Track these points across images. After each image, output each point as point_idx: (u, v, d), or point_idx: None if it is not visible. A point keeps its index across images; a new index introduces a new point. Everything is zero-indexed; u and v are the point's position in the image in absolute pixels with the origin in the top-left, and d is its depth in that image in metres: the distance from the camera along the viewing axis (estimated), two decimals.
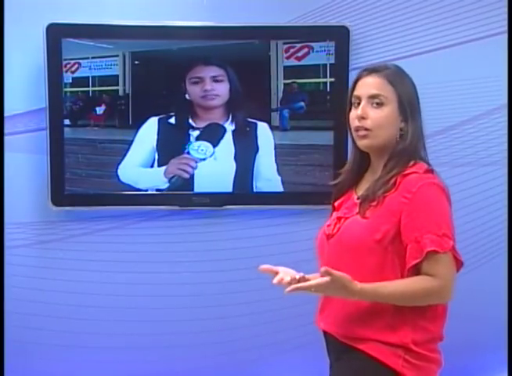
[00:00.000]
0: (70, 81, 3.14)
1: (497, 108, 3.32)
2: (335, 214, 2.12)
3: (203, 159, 3.20)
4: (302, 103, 3.23)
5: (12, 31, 3.09)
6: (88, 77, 3.16)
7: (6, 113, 3.13)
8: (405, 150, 2.00)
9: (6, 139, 3.14)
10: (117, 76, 3.17)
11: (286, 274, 1.94)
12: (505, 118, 3.30)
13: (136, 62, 3.18)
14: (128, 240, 3.27)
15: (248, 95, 3.19)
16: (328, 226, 2.10)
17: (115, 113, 3.20)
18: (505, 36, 3.25)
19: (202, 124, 3.21)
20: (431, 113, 3.17)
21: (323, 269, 1.86)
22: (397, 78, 2.03)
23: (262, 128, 3.22)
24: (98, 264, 3.26)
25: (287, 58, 3.19)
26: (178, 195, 3.22)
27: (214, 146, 3.20)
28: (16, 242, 3.23)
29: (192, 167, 3.20)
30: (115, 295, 3.29)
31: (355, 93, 2.05)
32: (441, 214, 1.93)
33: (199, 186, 3.22)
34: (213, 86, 3.16)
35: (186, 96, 3.18)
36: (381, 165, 2.04)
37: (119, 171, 3.20)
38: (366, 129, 2.01)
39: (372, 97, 2.01)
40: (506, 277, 3.24)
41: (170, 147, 3.22)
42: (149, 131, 3.19)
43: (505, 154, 3.31)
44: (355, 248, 1.99)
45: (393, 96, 2.01)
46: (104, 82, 3.17)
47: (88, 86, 3.16)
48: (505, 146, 3.31)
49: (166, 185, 3.21)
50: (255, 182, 3.24)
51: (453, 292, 1.94)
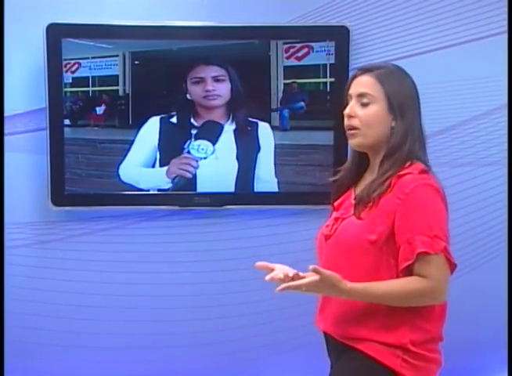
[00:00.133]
0: (70, 81, 3.14)
1: (497, 108, 3.31)
2: (334, 214, 2.12)
3: (204, 158, 3.20)
4: (302, 103, 3.23)
5: (12, 31, 3.09)
6: (88, 77, 3.15)
7: (6, 113, 3.13)
8: (394, 149, 1.99)
9: (6, 139, 3.14)
10: (117, 76, 3.16)
11: (281, 271, 1.93)
12: (505, 118, 3.30)
13: (136, 62, 3.18)
14: (128, 240, 3.27)
15: (248, 95, 3.19)
16: (326, 227, 2.10)
17: (115, 113, 3.20)
18: (505, 36, 3.25)
19: None
20: (431, 113, 3.17)
21: (312, 268, 1.86)
22: (388, 77, 2.02)
23: (263, 128, 3.22)
24: (98, 264, 3.26)
25: (287, 58, 3.19)
26: (179, 195, 3.22)
27: (213, 144, 3.20)
28: (16, 242, 3.23)
29: (193, 166, 3.20)
30: (115, 295, 3.29)
31: (349, 92, 2.06)
32: (433, 215, 1.92)
33: (201, 186, 3.22)
34: (214, 86, 3.16)
35: (187, 96, 3.17)
36: (378, 165, 2.04)
37: (120, 171, 3.20)
38: (355, 128, 2.02)
39: (360, 96, 2.02)
40: (506, 277, 3.24)
41: (171, 147, 3.22)
42: (150, 130, 3.18)
43: (505, 154, 3.31)
44: (351, 249, 1.99)
45: (381, 95, 2.00)
46: (104, 82, 3.17)
47: (88, 86, 3.16)
48: (505, 146, 3.31)
49: (169, 185, 3.21)
50: (256, 182, 3.24)
51: (447, 293, 1.92)
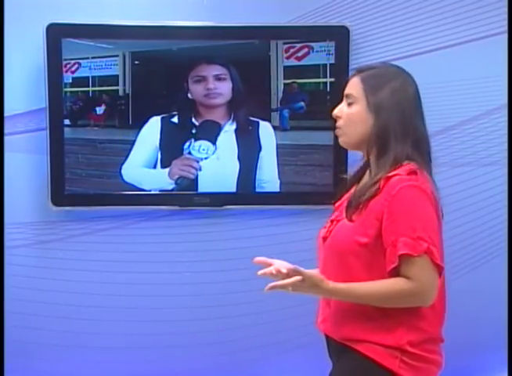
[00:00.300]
0: (70, 81, 3.14)
1: (497, 108, 3.31)
2: (332, 216, 2.12)
3: (205, 158, 3.20)
4: (302, 103, 3.23)
5: (12, 31, 3.09)
6: (88, 77, 3.15)
7: (6, 113, 3.13)
8: (380, 150, 1.97)
9: (6, 139, 3.14)
10: (117, 76, 3.16)
11: (279, 267, 1.94)
12: (505, 118, 3.30)
13: (136, 62, 3.17)
14: (128, 240, 3.27)
15: (248, 95, 3.19)
16: (324, 228, 2.11)
17: (115, 113, 3.20)
18: (505, 36, 3.25)
19: None
20: (431, 113, 3.17)
21: (292, 268, 1.89)
22: (372, 77, 2.01)
23: (264, 127, 3.22)
24: (98, 264, 3.26)
25: (287, 58, 3.19)
26: (179, 195, 3.22)
27: (213, 144, 3.20)
28: (16, 242, 3.23)
29: (195, 168, 3.19)
30: (115, 295, 3.29)
31: (343, 93, 2.09)
32: (418, 216, 1.89)
33: (203, 187, 3.22)
34: (216, 85, 3.16)
35: (188, 95, 3.17)
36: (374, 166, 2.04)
37: (123, 171, 3.19)
38: (338, 128, 2.06)
39: (347, 96, 2.05)
40: (506, 277, 3.24)
41: (173, 147, 3.21)
42: (151, 130, 3.18)
43: (505, 154, 3.31)
44: (342, 252, 1.99)
45: (361, 95, 2.01)
46: (104, 82, 3.17)
47: (88, 86, 3.16)
48: (505, 146, 3.31)
49: (171, 186, 3.21)
50: (257, 181, 3.24)
51: (434, 295, 1.89)
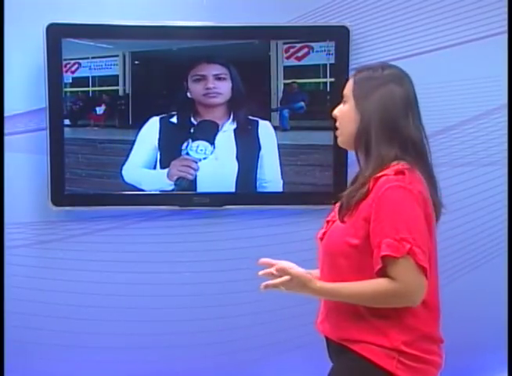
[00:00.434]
0: (70, 81, 3.14)
1: (497, 108, 3.31)
2: (328, 217, 2.13)
3: (203, 158, 3.19)
4: (302, 103, 3.23)
5: (12, 31, 3.09)
6: (88, 77, 3.15)
7: (6, 113, 3.13)
8: (367, 151, 1.98)
9: (6, 139, 3.14)
10: (117, 76, 3.16)
11: (281, 267, 1.98)
12: (505, 118, 3.30)
13: (136, 62, 3.17)
14: (128, 240, 3.27)
15: (248, 95, 3.19)
16: (321, 229, 2.12)
17: (115, 113, 3.20)
18: (505, 36, 3.25)
19: None
20: (431, 113, 3.18)
21: (278, 267, 1.96)
22: (367, 79, 2.01)
23: (264, 127, 3.21)
24: (98, 264, 3.26)
25: (287, 58, 3.19)
26: (178, 195, 3.22)
27: (211, 144, 3.19)
28: (16, 242, 3.23)
29: (194, 169, 3.19)
30: (115, 295, 3.29)
31: None
32: (402, 218, 1.88)
33: (201, 187, 3.22)
34: (215, 84, 3.16)
35: (188, 94, 3.17)
36: None
37: (123, 172, 3.19)
38: (337, 128, 2.08)
39: (342, 97, 2.07)
40: (506, 277, 3.24)
41: (171, 147, 3.21)
42: (150, 130, 3.18)
43: (505, 154, 3.32)
44: (334, 253, 2.00)
45: (351, 95, 2.03)
46: (104, 82, 3.17)
47: (88, 86, 3.16)
48: (505, 146, 3.31)
49: (171, 187, 3.21)
50: (258, 181, 3.23)
51: (420, 295, 1.88)
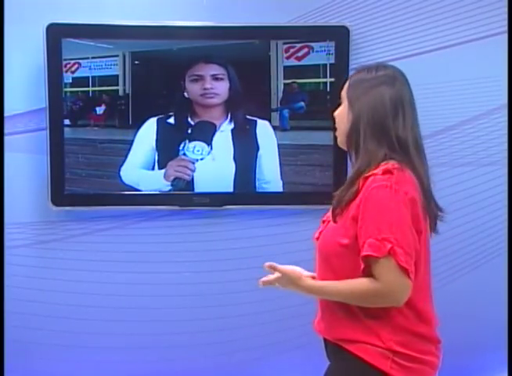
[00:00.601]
0: (70, 81, 3.14)
1: (497, 108, 3.31)
2: (324, 217, 2.13)
3: (200, 159, 3.19)
4: (302, 103, 3.23)
5: (12, 31, 3.09)
6: (88, 77, 3.15)
7: (6, 113, 3.13)
8: (356, 150, 1.99)
9: (6, 139, 3.14)
10: (117, 76, 3.16)
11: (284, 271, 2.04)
12: (505, 118, 3.30)
13: (136, 62, 3.17)
14: (128, 240, 3.27)
15: (248, 95, 3.19)
16: (318, 229, 2.12)
17: (115, 113, 3.20)
18: (505, 36, 3.25)
19: None
20: (431, 113, 3.18)
21: (267, 264, 2.02)
22: (360, 80, 2.03)
23: (262, 126, 3.21)
24: (98, 264, 3.26)
25: (287, 58, 3.19)
26: (178, 195, 3.22)
27: (208, 145, 3.19)
28: (16, 242, 3.23)
29: (190, 169, 3.19)
30: (115, 295, 3.29)
31: None
32: (385, 218, 1.87)
33: (199, 187, 3.22)
34: (213, 84, 3.16)
35: (185, 94, 3.17)
36: None
37: (121, 172, 3.19)
38: (336, 128, 2.10)
39: (340, 98, 2.09)
40: (506, 277, 3.24)
41: (169, 148, 3.21)
42: (147, 131, 3.18)
43: (505, 154, 3.31)
44: (326, 253, 2.01)
45: (346, 96, 2.05)
46: (104, 82, 3.17)
47: (88, 86, 3.16)
48: (505, 146, 3.31)
49: (168, 188, 3.20)
50: (257, 181, 3.23)
51: (403, 295, 1.88)
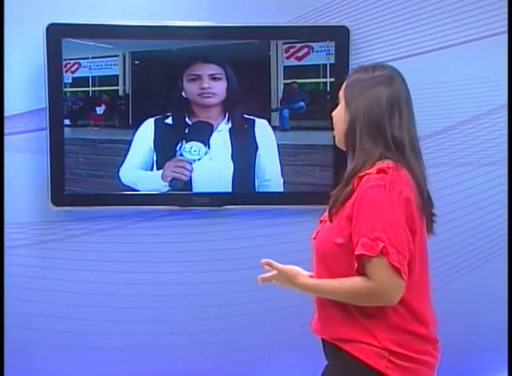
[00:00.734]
0: (70, 81, 3.14)
1: (497, 108, 3.31)
2: (321, 216, 2.13)
3: (198, 159, 3.19)
4: (302, 103, 3.23)
5: (12, 31, 3.09)
6: (88, 77, 3.15)
7: (6, 113, 3.13)
8: (352, 150, 2.00)
9: (6, 139, 3.14)
10: (117, 76, 3.16)
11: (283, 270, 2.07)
12: (505, 118, 3.30)
13: (136, 62, 3.18)
14: (128, 240, 3.27)
15: (248, 95, 3.19)
16: (315, 229, 2.12)
17: (115, 113, 3.20)
18: (505, 36, 3.25)
19: None
20: (431, 113, 3.19)
21: (263, 261, 2.06)
22: (357, 80, 2.03)
23: (261, 126, 3.21)
24: (98, 264, 3.26)
25: (287, 58, 3.19)
26: (178, 195, 3.22)
27: (205, 145, 3.19)
28: (16, 242, 3.23)
29: (187, 170, 3.19)
30: (115, 295, 3.29)
31: None
32: (379, 217, 1.87)
33: (197, 188, 3.21)
34: (210, 84, 3.15)
35: (183, 94, 3.17)
36: None
37: (120, 173, 3.19)
38: (333, 128, 2.10)
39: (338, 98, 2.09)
40: (506, 277, 3.24)
41: (166, 148, 3.21)
42: (145, 132, 3.18)
43: (505, 154, 3.31)
44: (322, 252, 2.01)
45: (343, 96, 2.05)
46: (104, 82, 3.17)
47: (88, 86, 3.16)
48: (505, 146, 3.31)
49: (166, 188, 3.20)
50: (258, 180, 3.23)
51: (396, 294, 1.88)
